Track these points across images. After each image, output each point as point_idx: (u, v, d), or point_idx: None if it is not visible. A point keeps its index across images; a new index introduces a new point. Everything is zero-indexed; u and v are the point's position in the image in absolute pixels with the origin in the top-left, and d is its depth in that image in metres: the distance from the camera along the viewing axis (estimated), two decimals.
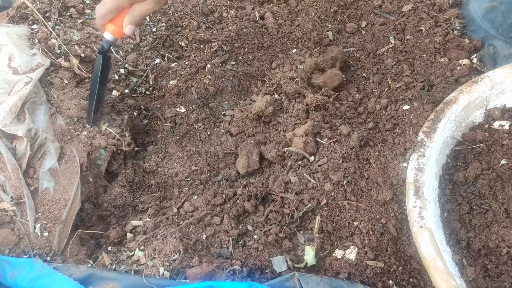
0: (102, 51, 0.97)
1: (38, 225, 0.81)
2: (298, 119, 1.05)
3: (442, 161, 0.91)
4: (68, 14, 1.18)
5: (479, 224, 0.81)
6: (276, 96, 1.13)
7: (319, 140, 0.97)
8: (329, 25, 1.34)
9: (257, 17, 1.36)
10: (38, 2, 1.17)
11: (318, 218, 0.84)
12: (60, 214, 0.83)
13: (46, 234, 0.81)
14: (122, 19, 0.91)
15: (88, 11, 1.23)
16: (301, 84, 1.13)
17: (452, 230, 0.82)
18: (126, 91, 1.22)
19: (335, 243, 0.83)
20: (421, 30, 1.19)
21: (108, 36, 0.94)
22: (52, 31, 1.09)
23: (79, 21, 1.18)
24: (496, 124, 0.94)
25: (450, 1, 1.26)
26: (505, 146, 0.88)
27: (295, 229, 0.86)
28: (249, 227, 0.87)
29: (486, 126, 0.94)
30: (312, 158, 0.94)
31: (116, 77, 1.21)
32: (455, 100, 0.92)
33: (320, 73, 1.14)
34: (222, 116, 1.14)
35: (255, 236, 0.85)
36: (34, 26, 1.11)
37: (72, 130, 0.96)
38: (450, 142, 0.92)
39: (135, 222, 0.91)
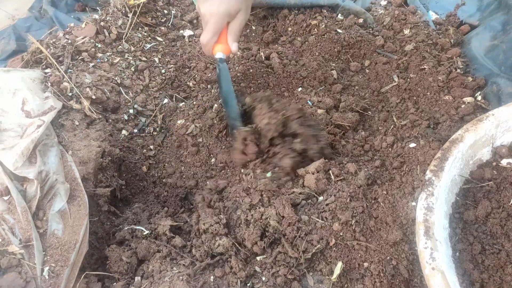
0: (221, 64, 1.10)
1: (46, 268, 0.80)
2: None
3: (452, 200, 0.90)
4: (80, 58, 1.23)
5: (493, 265, 0.79)
6: None
7: (330, 177, 0.97)
8: (333, 64, 1.37)
9: (263, 58, 1.40)
10: (52, 47, 1.21)
11: (340, 264, 0.81)
12: (68, 257, 0.83)
13: (53, 277, 0.80)
14: (224, 38, 1.06)
15: (100, 54, 1.27)
16: None
17: (465, 271, 0.80)
18: (135, 130, 1.24)
19: (346, 286, 0.81)
20: (424, 68, 1.21)
21: (220, 55, 1.08)
22: (65, 75, 1.13)
23: (91, 64, 1.22)
24: (504, 162, 0.94)
25: (452, 41, 1.29)
26: None
27: (305, 270, 0.85)
28: (257, 269, 0.86)
29: (494, 164, 0.94)
30: (321, 198, 0.94)
31: (125, 117, 1.24)
32: (461, 138, 0.92)
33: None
34: None
35: (263, 278, 0.84)
36: (48, 70, 1.15)
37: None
38: (458, 180, 0.92)
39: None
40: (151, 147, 1.23)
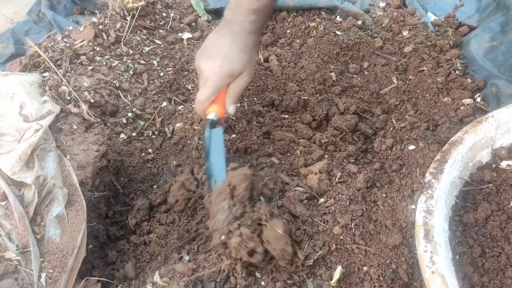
0: (211, 127, 0.98)
1: (43, 275, 0.80)
2: (305, 160, 1.05)
3: (451, 202, 0.90)
4: (78, 61, 1.22)
5: (493, 268, 0.79)
6: None
7: (332, 178, 0.97)
8: (332, 66, 1.37)
9: (262, 60, 1.40)
10: (50, 51, 1.21)
11: (339, 268, 0.81)
12: (66, 262, 0.82)
13: (51, 283, 0.80)
14: (221, 99, 0.94)
15: (98, 58, 1.27)
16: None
17: (465, 274, 0.79)
18: (134, 134, 1.24)
19: None
20: (423, 70, 1.21)
21: (212, 116, 0.95)
22: (63, 78, 1.12)
23: (89, 68, 1.22)
24: (504, 164, 0.93)
25: (451, 42, 1.29)
26: None
27: (305, 276, 0.84)
28: (257, 274, 0.85)
29: (494, 165, 0.94)
30: (321, 200, 0.93)
31: (124, 120, 1.24)
32: (460, 140, 0.92)
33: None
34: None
35: (263, 283, 0.84)
36: (46, 74, 1.15)
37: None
38: (458, 183, 0.91)
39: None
40: (150, 150, 1.23)
